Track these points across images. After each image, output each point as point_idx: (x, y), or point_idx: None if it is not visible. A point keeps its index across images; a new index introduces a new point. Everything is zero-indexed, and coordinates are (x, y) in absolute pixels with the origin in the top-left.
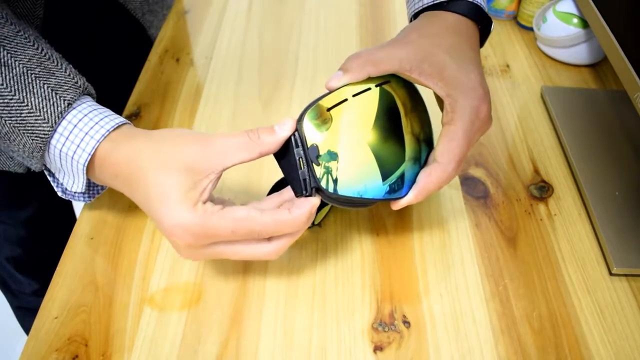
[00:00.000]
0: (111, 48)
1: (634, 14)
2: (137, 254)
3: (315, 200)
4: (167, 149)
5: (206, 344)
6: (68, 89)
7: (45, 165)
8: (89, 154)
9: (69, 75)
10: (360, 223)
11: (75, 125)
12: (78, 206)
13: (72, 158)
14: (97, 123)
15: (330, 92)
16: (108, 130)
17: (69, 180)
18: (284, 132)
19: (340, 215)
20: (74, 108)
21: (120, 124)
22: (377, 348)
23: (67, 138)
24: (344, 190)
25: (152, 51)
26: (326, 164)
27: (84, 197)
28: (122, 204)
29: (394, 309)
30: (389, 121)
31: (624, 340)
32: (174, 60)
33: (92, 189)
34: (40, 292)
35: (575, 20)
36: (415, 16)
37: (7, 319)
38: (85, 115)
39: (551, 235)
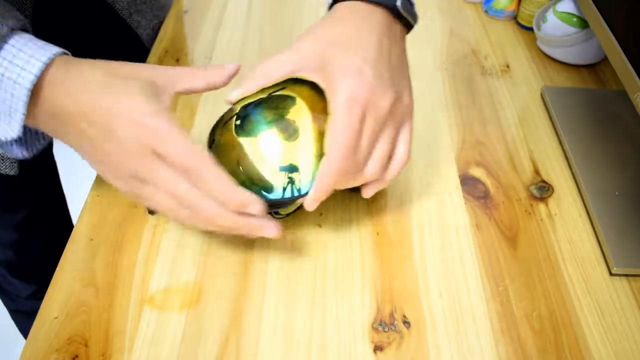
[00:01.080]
0: (99, 48)
1: (634, 14)
2: (137, 254)
3: (254, 204)
4: (121, 66)
5: (206, 344)
6: (9, 18)
7: None
8: (35, 75)
9: (9, 9)
10: (360, 223)
11: (20, 50)
12: (74, 208)
13: (15, 82)
14: (42, 47)
15: (231, 106)
16: (55, 53)
17: (3, 126)
18: (231, 68)
19: (340, 215)
20: (17, 34)
21: (65, 52)
22: (377, 348)
23: (10, 62)
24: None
25: (152, 51)
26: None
27: (21, 150)
28: (122, 205)
29: (394, 309)
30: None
31: (624, 341)
32: (173, 61)
33: (29, 137)
34: (36, 295)
35: (576, 20)
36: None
37: (6, 321)
38: (30, 40)
39: (551, 235)
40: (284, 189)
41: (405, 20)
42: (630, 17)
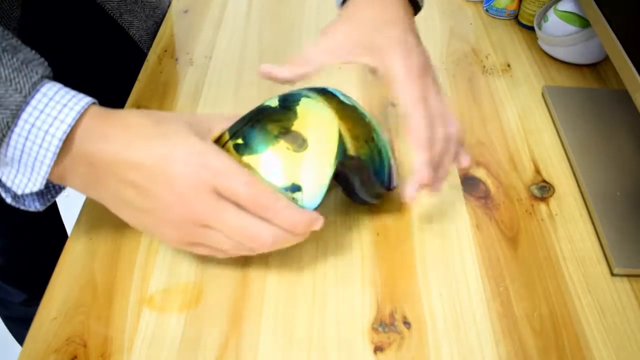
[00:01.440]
0: (91, 49)
1: (636, 13)
2: (137, 254)
3: (319, 219)
4: (159, 114)
5: (206, 344)
6: (38, 64)
7: None
8: (69, 125)
9: (35, 54)
10: (360, 223)
11: (50, 98)
12: (67, 216)
13: (47, 132)
14: (74, 96)
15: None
16: (88, 103)
17: (22, 179)
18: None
19: (340, 215)
20: (48, 82)
21: (95, 102)
22: (378, 349)
23: (41, 111)
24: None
25: (151, 51)
26: None
27: (36, 203)
28: None
29: (394, 309)
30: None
31: (625, 341)
32: (173, 60)
33: (48, 192)
34: (29, 302)
35: (577, 19)
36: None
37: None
38: (61, 88)
39: (552, 235)
40: None
41: (415, 2)
42: (631, 16)
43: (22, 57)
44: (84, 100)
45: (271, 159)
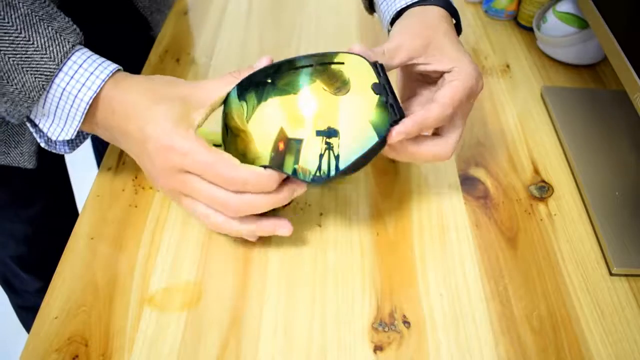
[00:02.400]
0: (117, 46)
1: (634, 14)
2: (137, 254)
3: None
4: (162, 87)
5: (206, 344)
6: (70, 33)
7: (27, 117)
8: (95, 92)
9: (69, 22)
10: (360, 223)
11: (80, 66)
12: (81, 202)
13: (76, 97)
14: (100, 64)
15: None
16: (112, 71)
17: (57, 128)
18: (261, 65)
19: (340, 215)
20: (78, 50)
21: (119, 68)
22: (377, 348)
23: (72, 77)
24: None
25: (153, 51)
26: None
27: (65, 147)
28: (122, 204)
29: (394, 309)
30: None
31: (624, 341)
32: (174, 60)
33: (76, 138)
34: (43, 290)
35: (576, 20)
36: (396, 15)
37: (8, 319)
38: (89, 57)
39: (551, 235)
40: (321, 157)
41: (456, 18)
42: (630, 17)
43: (57, 26)
44: (108, 68)
45: (302, 101)
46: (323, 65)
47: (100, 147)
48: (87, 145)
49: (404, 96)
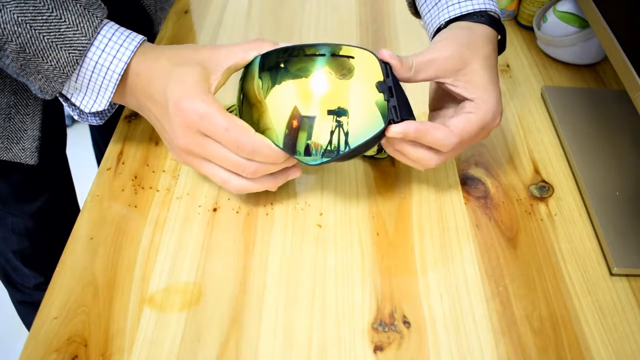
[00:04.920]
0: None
1: (635, 14)
2: (137, 254)
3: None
4: (184, 52)
5: (206, 344)
6: (97, 8)
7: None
8: (125, 63)
9: None
10: (360, 223)
11: (109, 39)
12: (83, 198)
13: (109, 68)
14: (127, 36)
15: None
16: (139, 42)
17: (89, 101)
18: (283, 45)
19: (340, 215)
20: (106, 24)
21: (144, 39)
22: (377, 348)
23: (103, 50)
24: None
25: None
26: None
27: (96, 119)
28: (122, 204)
29: (394, 309)
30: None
31: (625, 341)
32: None
33: (106, 109)
34: (43, 286)
35: (576, 19)
36: (441, 26)
37: (8, 319)
38: (117, 30)
39: (551, 235)
40: (332, 133)
41: (503, 44)
42: (630, 16)
43: (84, 2)
44: (135, 39)
45: (313, 84)
46: (334, 57)
47: (101, 147)
48: (87, 145)
49: (432, 107)
